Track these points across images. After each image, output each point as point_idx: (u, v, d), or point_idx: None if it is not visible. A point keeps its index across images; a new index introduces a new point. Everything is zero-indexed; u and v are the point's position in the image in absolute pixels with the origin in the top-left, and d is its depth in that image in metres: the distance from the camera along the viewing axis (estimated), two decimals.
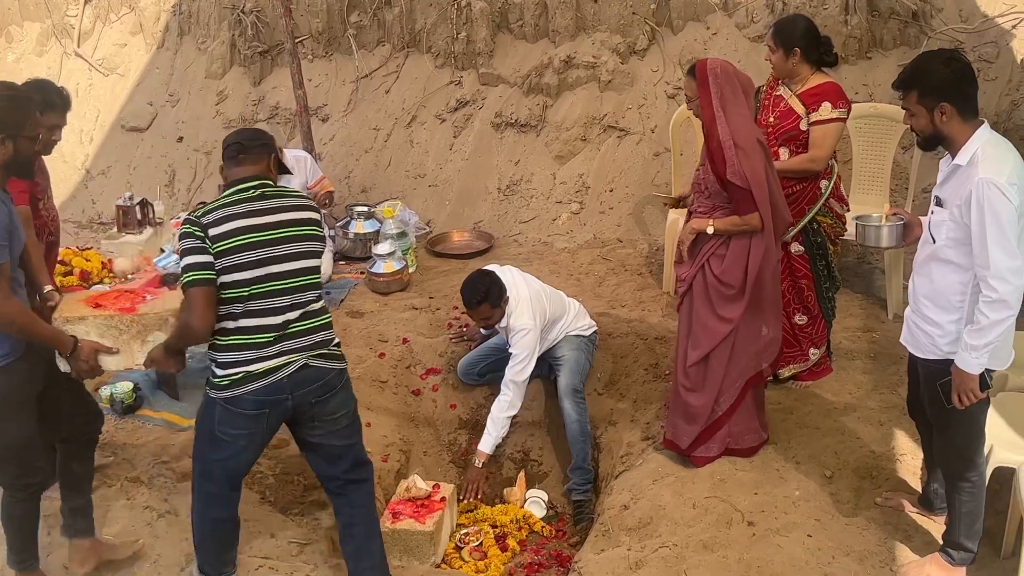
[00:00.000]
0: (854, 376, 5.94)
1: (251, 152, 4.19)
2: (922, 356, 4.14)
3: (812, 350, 5.81)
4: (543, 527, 5.81)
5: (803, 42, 5.40)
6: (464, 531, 5.69)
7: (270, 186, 4.18)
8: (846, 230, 5.71)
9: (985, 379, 3.94)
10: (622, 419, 6.03)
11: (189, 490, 5.17)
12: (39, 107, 4.25)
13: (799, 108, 5.46)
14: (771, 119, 5.52)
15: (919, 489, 4.90)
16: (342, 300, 7.35)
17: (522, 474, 6.14)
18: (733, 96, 4.83)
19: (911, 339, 4.21)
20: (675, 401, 5.28)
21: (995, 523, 4.56)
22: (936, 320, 4.02)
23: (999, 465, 4.44)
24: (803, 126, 5.45)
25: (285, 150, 7.67)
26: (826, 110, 5.41)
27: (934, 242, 3.99)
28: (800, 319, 5.73)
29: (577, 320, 6.14)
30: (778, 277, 5.16)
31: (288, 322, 4.10)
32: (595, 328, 6.25)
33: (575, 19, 9.03)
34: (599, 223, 8.34)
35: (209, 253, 3.94)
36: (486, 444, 5.87)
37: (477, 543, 5.56)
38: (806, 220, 5.52)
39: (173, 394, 6.12)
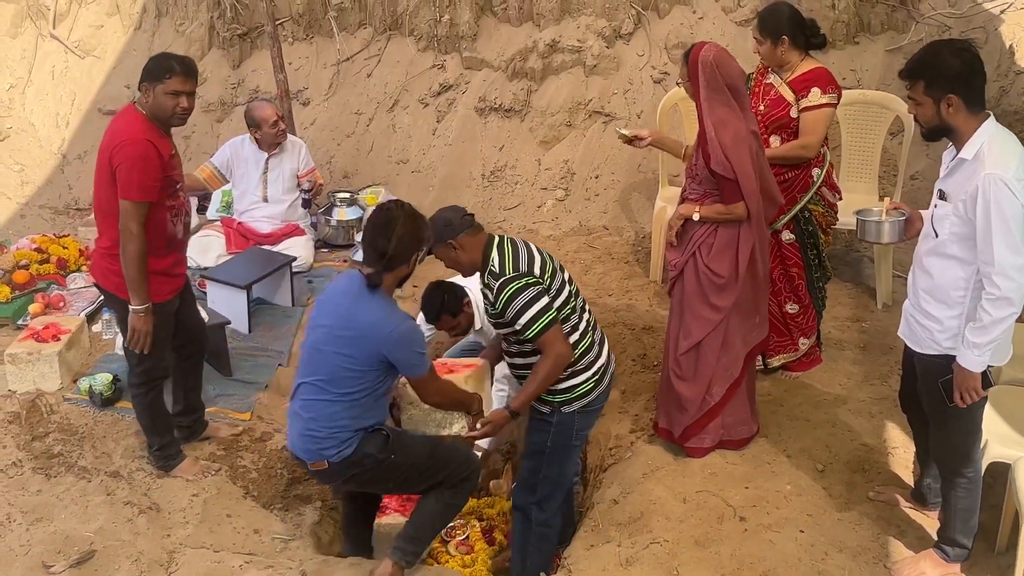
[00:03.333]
0: (844, 367, 5.90)
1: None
2: (920, 351, 4.08)
3: (802, 340, 5.75)
4: None
5: (788, 28, 5.35)
6: (450, 525, 5.62)
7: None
8: (838, 219, 5.66)
9: (987, 376, 3.88)
10: (610, 410, 5.91)
11: (171, 484, 5.14)
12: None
13: (789, 95, 5.40)
14: (761, 107, 5.46)
15: (912, 483, 4.86)
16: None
17: (509, 466, 6.08)
18: (717, 94, 4.76)
19: (909, 333, 4.15)
20: (666, 389, 5.23)
21: (989, 518, 4.51)
22: (936, 315, 3.96)
23: (994, 460, 4.40)
24: (793, 113, 5.40)
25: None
26: (816, 96, 5.35)
27: (936, 236, 3.91)
28: (791, 308, 5.67)
29: None
30: (767, 264, 5.10)
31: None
32: None
33: (560, 2, 8.89)
34: (585, 210, 8.25)
35: (548, 294, 4.47)
36: None
37: (464, 537, 5.49)
38: (798, 208, 5.46)
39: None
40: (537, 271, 4.49)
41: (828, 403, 5.53)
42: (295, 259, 7.10)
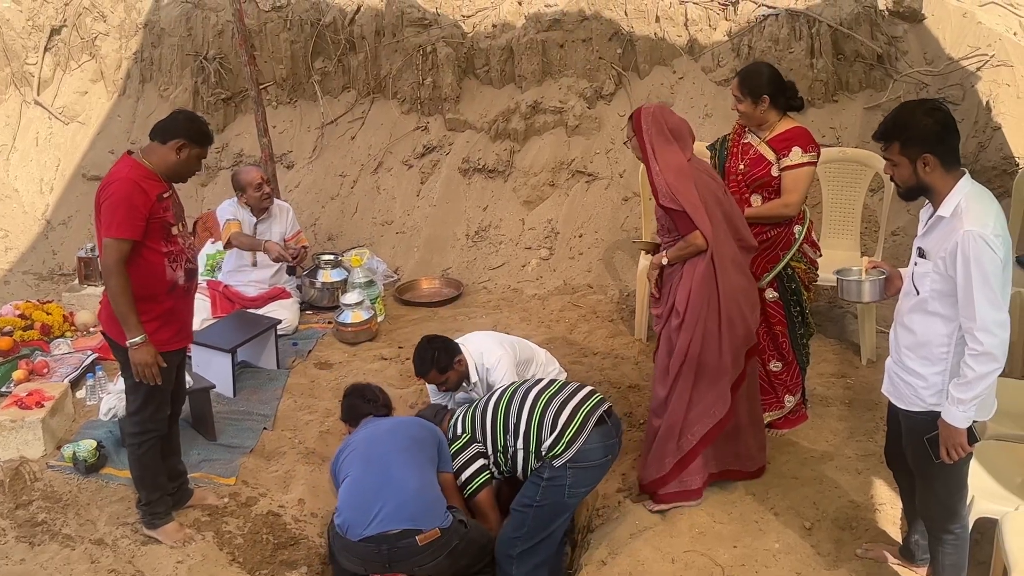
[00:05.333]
0: (830, 423, 5.89)
1: None
2: (905, 408, 4.08)
3: (787, 397, 5.75)
4: None
5: (769, 89, 5.38)
6: None
7: None
8: (818, 276, 5.68)
9: (972, 432, 3.88)
10: None
11: (156, 551, 5.07)
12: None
13: (769, 155, 5.43)
14: (741, 167, 5.49)
15: (899, 540, 4.84)
16: (309, 351, 7.23)
17: None
18: (661, 136, 4.97)
19: (893, 390, 4.15)
20: (647, 440, 5.29)
21: (976, 573, 4.50)
22: (919, 372, 3.96)
23: (981, 516, 4.39)
24: (774, 172, 5.42)
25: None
26: (796, 155, 5.39)
27: (918, 293, 3.93)
28: (775, 366, 5.67)
29: (547, 366, 6.06)
30: (752, 304, 5.15)
31: None
32: (565, 375, 6.16)
33: (541, 64, 9.02)
34: (569, 269, 8.29)
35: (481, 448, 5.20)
36: None
37: None
38: (781, 266, 5.49)
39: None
40: (459, 430, 5.21)
41: (815, 460, 5.52)
42: (280, 322, 7.11)
